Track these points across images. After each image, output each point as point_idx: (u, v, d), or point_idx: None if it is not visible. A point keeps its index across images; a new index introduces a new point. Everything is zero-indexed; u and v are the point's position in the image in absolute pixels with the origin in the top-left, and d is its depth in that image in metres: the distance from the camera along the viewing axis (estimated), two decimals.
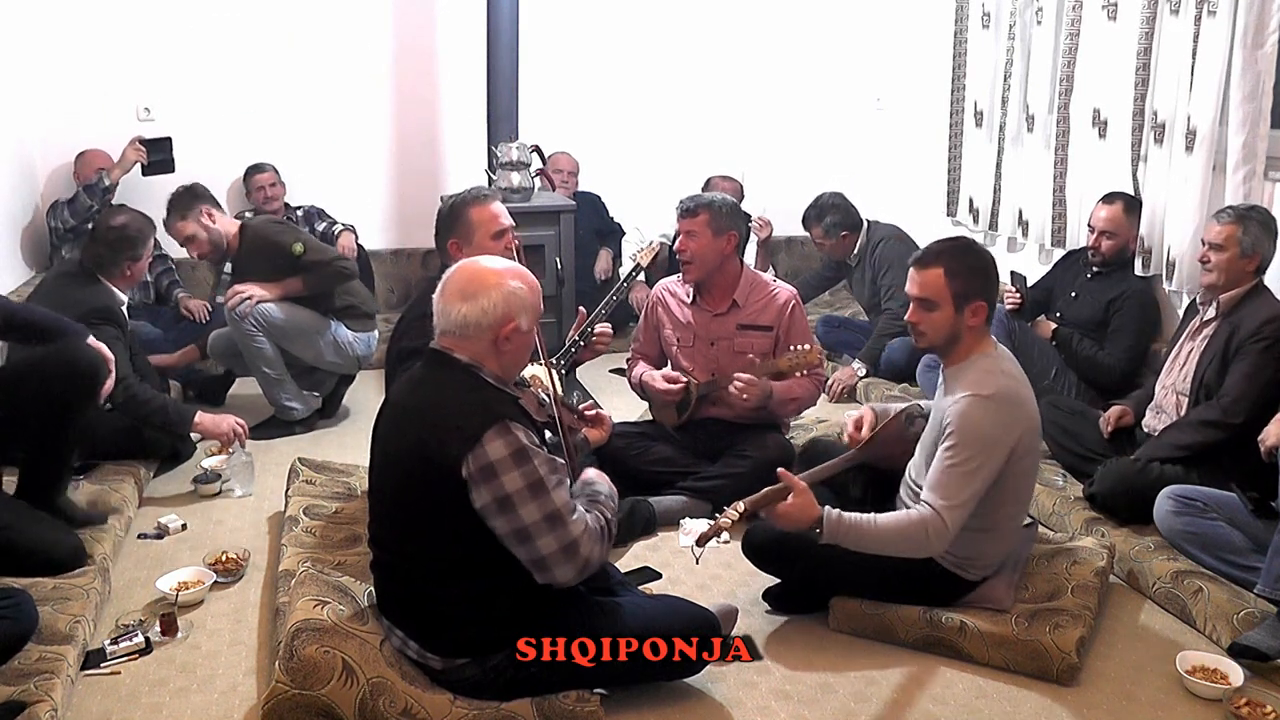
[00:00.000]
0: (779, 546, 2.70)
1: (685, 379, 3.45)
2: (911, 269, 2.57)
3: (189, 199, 4.03)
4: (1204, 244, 3.16)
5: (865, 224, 4.79)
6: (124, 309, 3.64)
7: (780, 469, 2.47)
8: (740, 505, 2.41)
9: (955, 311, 2.50)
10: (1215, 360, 3.10)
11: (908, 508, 2.55)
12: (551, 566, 2.09)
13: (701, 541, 2.44)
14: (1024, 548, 2.79)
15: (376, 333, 4.32)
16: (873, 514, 2.46)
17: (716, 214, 3.37)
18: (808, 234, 4.89)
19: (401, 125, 5.55)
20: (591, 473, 2.41)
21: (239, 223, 4.15)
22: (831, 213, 4.73)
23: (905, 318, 2.62)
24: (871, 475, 2.84)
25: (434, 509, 2.11)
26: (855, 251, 4.77)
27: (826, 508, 2.43)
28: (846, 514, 2.43)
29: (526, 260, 2.61)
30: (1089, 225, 3.89)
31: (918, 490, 2.55)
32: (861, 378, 4.60)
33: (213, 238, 4.05)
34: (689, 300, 3.55)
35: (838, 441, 3.32)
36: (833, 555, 2.58)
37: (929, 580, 2.59)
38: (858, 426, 2.82)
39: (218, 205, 4.14)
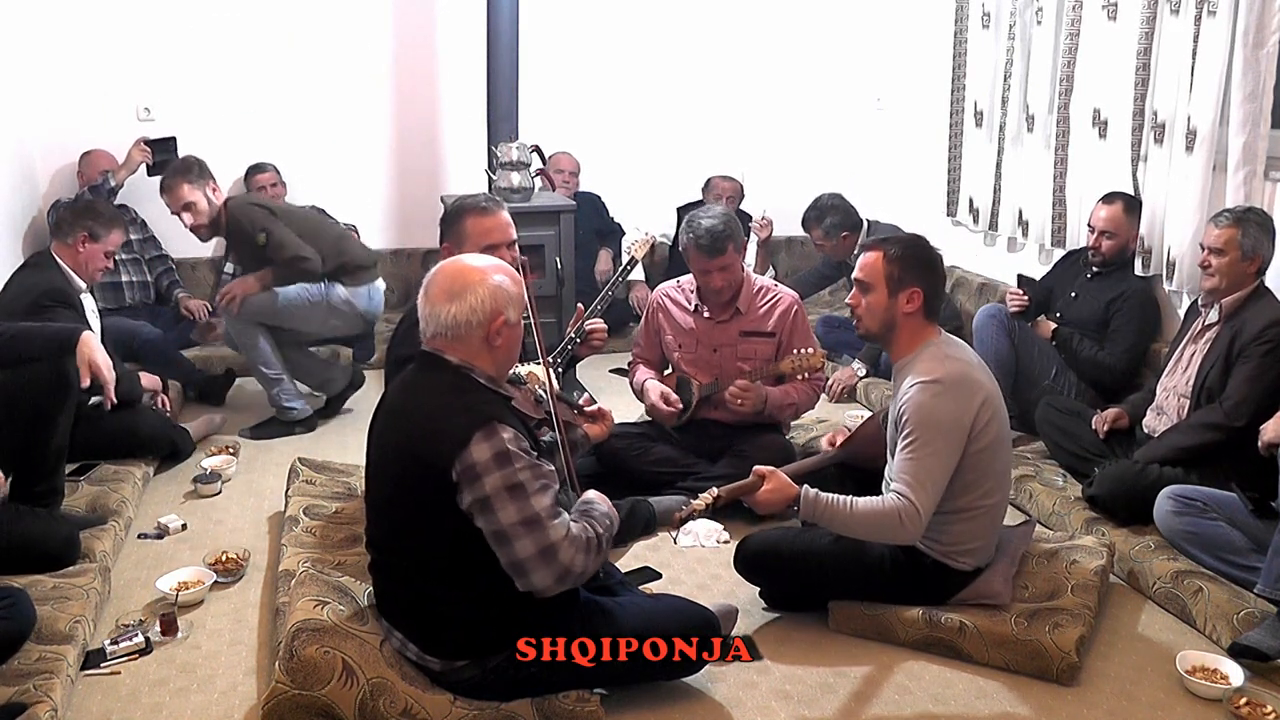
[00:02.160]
0: (769, 559, 2.72)
1: (682, 402, 3.46)
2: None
3: (201, 168, 4.00)
4: (1203, 248, 3.16)
5: (865, 224, 4.79)
6: (82, 296, 3.56)
7: (756, 466, 2.53)
8: (715, 490, 2.49)
9: (889, 295, 2.54)
10: (1218, 364, 3.10)
11: None
12: (529, 571, 2.07)
13: (677, 524, 2.48)
14: (1020, 543, 2.79)
15: (380, 283, 4.24)
16: (850, 496, 2.49)
17: (735, 236, 3.39)
18: (808, 235, 4.89)
19: (401, 125, 5.55)
20: (592, 494, 2.39)
21: (225, 198, 4.09)
22: (831, 214, 4.73)
23: (847, 300, 2.68)
24: (858, 477, 2.86)
25: (428, 511, 2.10)
26: (855, 251, 4.77)
27: (804, 486, 2.48)
28: (824, 494, 2.48)
29: (527, 269, 2.61)
30: (1089, 225, 3.89)
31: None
32: (861, 378, 4.60)
33: (212, 212, 4.00)
34: (691, 307, 3.56)
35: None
36: (823, 563, 2.64)
37: (921, 576, 2.60)
38: (830, 442, 3.00)
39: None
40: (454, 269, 2.17)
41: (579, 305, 3.50)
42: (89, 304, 3.62)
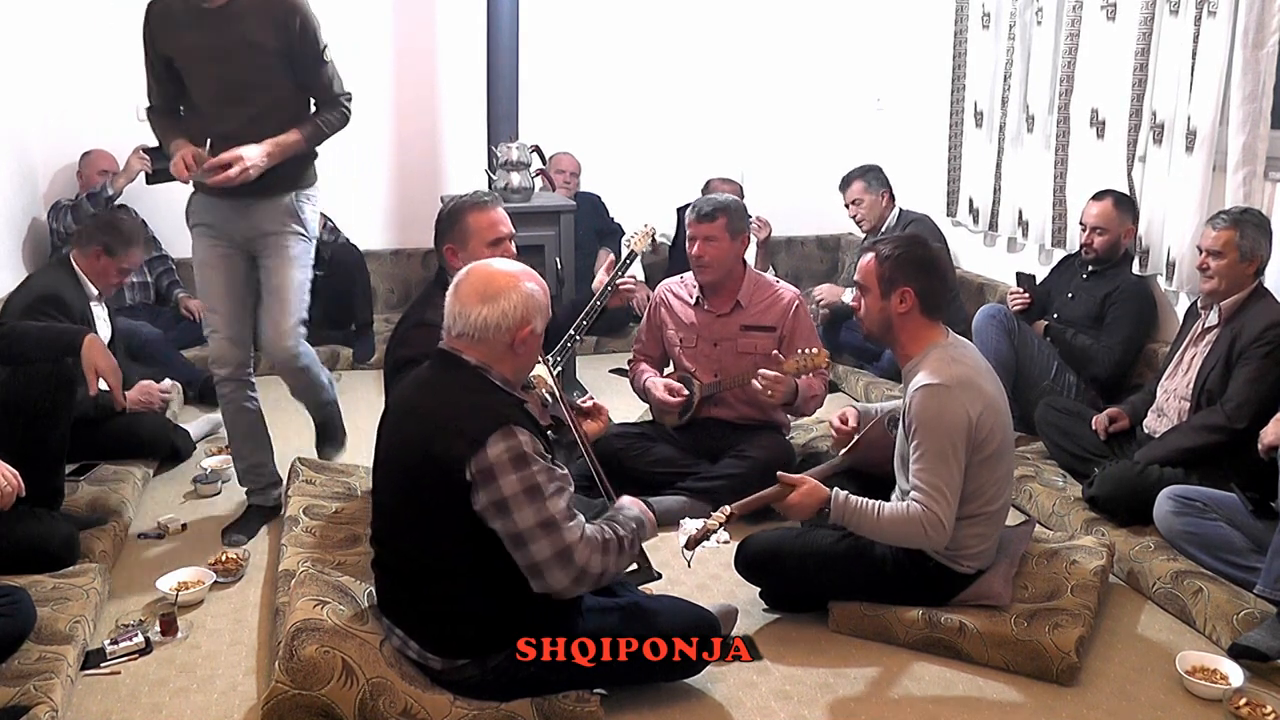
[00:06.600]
0: (770, 559, 2.72)
1: (687, 391, 3.46)
2: None
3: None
4: (1201, 251, 3.16)
5: (898, 209, 4.79)
6: (92, 304, 3.54)
7: (780, 473, 2.54)
8: (729, 508, 2.48)
9: (882, 297, 2.57)
10: (1218, 366, 3.10)
11: None
12: (544, 572, 2.08)
13: (691, 545, 2.48)
14: (1019, 543, 2.79)
15: (312, 191, 3.43)
16: (879, 502, 2.51)
17: (733, 216, 3.40)
18: (844, 196, 4.84)
19: (401, 125, 5.55)
20: (625, 499, 2.41)
21: None
22: (875, 173, 4.76)
23: (849, 302, 2.71)
24: (865, 481, 2.86)
25: (437, 509, 2.11)
26: (883, 230, 4.74)
27: (835, 489, 2.51)
28: (854, 497, 2.51)
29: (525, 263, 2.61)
30: (1080, 223, 3.90)
31: (907, 494, 2.57)
32: (846, 303, 4.61)
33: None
34: (692, 301, 3.56)
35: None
36: (824, 564, 2.65)
37: (922, 577, 2.60)
38: (843, 420, 2.94)
39: None
40: (487, 272, 2.18)
41: (609, 255, 3.44)
42: (99, 314, 3.62)
